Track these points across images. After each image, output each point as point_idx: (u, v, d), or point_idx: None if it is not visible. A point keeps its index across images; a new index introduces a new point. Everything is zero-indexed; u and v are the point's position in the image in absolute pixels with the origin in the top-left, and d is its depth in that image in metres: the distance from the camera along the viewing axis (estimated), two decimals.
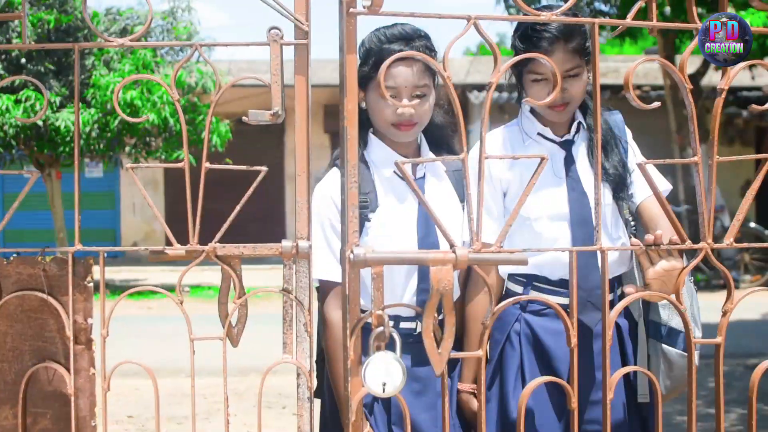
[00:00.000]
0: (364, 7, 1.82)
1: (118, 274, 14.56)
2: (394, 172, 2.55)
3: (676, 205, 14.21)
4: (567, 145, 2.64)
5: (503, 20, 2.68)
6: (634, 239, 2.23)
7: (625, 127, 2.74)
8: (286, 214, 18.15)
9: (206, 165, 2.10)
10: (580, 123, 2.67)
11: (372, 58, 2.52)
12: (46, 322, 2.11)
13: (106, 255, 2.10)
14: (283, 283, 2.07)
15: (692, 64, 15.63)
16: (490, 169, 2.59)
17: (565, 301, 2.46)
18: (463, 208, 2.57)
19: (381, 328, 1.80)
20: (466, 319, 2.59)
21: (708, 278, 13.44)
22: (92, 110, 11.27)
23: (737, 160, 2.11)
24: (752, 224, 13.81)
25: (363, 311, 2.34)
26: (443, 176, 2.64)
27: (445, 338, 1.80)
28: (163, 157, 12.25)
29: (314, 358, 2.15)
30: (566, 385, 1.93)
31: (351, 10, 1.79)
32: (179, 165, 2.11)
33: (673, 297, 2.04)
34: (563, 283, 2.55)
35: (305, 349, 2.06)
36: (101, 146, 11.75)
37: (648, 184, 2.03)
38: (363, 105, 2.58)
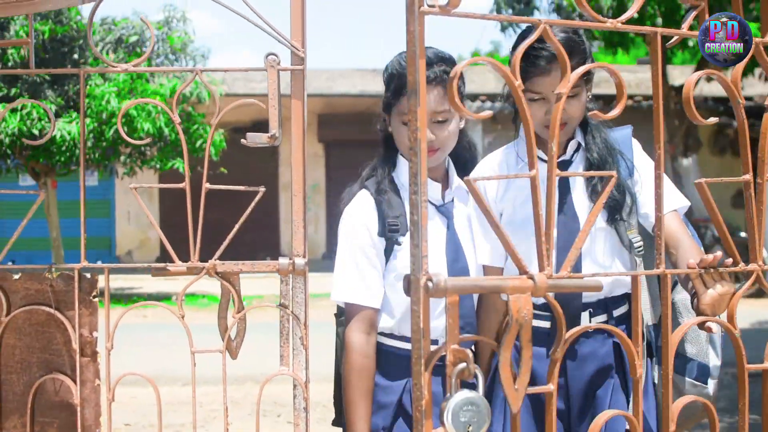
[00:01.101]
0: (433, 6, 1.65)
1: (113, 282, 14.60)
2: None
3: None
4: (562, 167, 2.55)
5: (573, 26, 2.45)
6: (691, 261, 2.06)
7: (633, 141, 2.62)
8: (281, 223, 18.24)
9: (206, 186, 2.20)
10: (579, 143, 2.58)
11: (393, 83, 2.50)
12: (53, 336, 2.20)
13: (101, 263, 2.21)
14: (279, 298, 2.17)
15: (681, 76, 15.75)
16: (486, 192, 2.56)
17: (546, 324, 2.46)
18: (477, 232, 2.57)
19: (463, 364, 1.62)
20: (480, 345, 2.58)
21: None
22: (88, 120, 11.35)
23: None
24: (742, 234, 13.92)
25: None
26: (470, 202, 2.61)
27: (522, 373, 1.67)
28: (157, 166, 12.35)
29: (313, 382, 2.22)
30: (631, 417, 1.78)
31: (421, 9, 1.64)
32: (180, 186, 2.21)
33: (715, 323, 1.99)
34: (546, 307, 2.46)
35: (301, 362, 2.16)
36: (97, 155, 11.84)
37: (706, 206, 1.91)
38: (390, 129, 2.57)
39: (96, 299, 2.20)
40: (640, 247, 2.50)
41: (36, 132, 11.13)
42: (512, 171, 2.56)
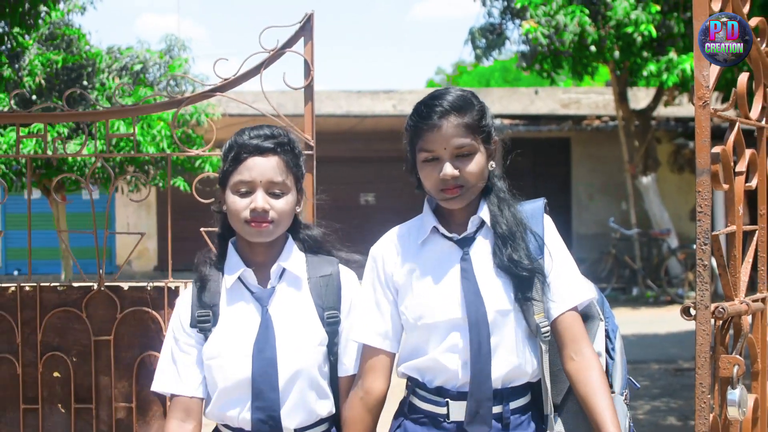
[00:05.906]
0: (719, 111, 2.12)
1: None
2: (239, 278, 2.45)
3: (627, 229, 15.47)
4: (464, 243, 2.38)
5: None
6: None
7: (545, 217, 2.43)
8: None
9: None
10: (482, 220, 2.39)
11: (231, 153, 2.40)
12: (149, 326, 3.31)
13: (103, 272, 3.37)
14: None
15: (645, 98, 16.87)
16: (385, 266, 2.44)
17: (441, 410, 2.35)
18: (324, 316, 2.45)
19: (736, 367, 2.13)
20: (343, 427, 2.44)
21: (657, 295, 14.75)
22: (97, 143, 12.37)
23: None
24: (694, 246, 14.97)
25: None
26: (302, 285, 2.47)
27: None
28: (160, 185, 13.45)
29: None
30: None
31: (711, 113, 2.04)
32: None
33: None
34: (440, 392, 2.36)
35: None
36: (104, 175, 12.90)
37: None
38: (224, 208, 2.44)
39: None
40: (547, 332, 2.33)
41: (50, 153, 12.15)
42: (412, 246, 2.44)
